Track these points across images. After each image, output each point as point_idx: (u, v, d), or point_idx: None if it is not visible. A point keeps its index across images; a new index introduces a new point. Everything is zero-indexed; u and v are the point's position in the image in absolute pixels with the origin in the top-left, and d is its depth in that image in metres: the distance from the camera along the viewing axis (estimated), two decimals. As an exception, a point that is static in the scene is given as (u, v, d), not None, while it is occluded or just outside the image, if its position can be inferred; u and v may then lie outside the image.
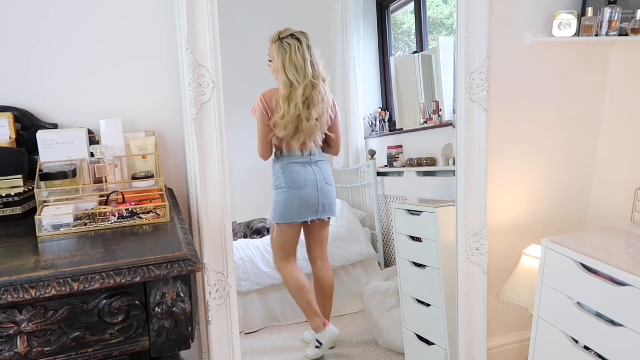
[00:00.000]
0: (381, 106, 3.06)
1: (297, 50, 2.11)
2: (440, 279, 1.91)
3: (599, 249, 1.47)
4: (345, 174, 3.19)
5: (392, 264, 2.84)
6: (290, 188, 2.20)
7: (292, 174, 2.20)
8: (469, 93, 1.69)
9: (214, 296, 1.49)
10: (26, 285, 0.82)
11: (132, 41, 1.44)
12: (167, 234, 1.07)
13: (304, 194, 2.20)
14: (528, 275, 1.80)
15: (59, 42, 1.38)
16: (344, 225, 2.89)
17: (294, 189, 2.19)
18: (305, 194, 2.21)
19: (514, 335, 2.10)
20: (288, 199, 2.20)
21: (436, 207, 1.92)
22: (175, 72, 1.47)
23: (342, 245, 2.81)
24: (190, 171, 1.48)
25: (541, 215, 2.02)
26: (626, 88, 1.94)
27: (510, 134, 1.91)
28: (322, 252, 2.39)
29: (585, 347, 1.44)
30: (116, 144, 1.32)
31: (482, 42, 1.65)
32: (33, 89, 1.38)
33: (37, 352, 0.86)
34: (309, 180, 2.21)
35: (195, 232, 1.49)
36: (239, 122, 2.23)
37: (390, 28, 2.99)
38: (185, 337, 0.94)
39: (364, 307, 2.52)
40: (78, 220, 1.12)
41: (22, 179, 1.23)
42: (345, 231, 2.86)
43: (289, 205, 2.20)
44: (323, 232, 2.36)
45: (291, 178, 2.20)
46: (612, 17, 1.75)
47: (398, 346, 2.25)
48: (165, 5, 1.43)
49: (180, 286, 0.91)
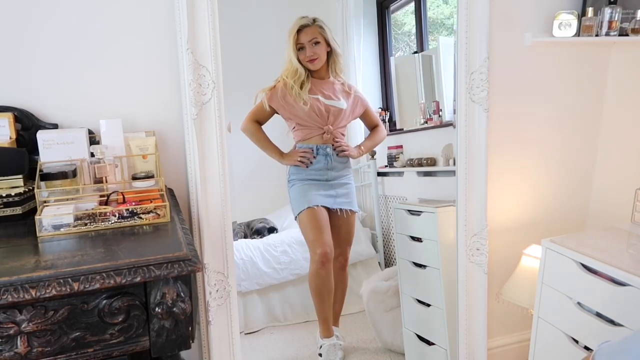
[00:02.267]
0: (381, 106, 3.06)
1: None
2: (440, 279, 1.91)
3: (599, 249, 1.47)
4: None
5: (392, 264, 2.84)
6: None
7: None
8: (469, 93, 1.69)
9: (214, 296, 1.49)
10: (26, 285, 0.82)
11: (132, 41, 1.44)
12: (167, 234, 1.07)
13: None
14: (528, 275, 1.80)
15: (59, 42, 1.38)
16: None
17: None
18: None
19: (514, 335, 2.10)
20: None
21: (436, 207, 1.92)
22: (176, 72, 1.47)
23: (342, 245, 2.80)
24: (190, 171, 1.48)
25: (541, 215, 2.02)
26: (626, 88, 1.94)
27: (511, 134, 1.91)
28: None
29: (585, 347, 1.44)
30: (116, 144, 1.32)
31: (482, 42, 1.65)
32: (33, 89, 1.37)
33: (37, 352, 0.86)
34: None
35: (195, 232, 1.49)
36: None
37: (390, 28, 2.99)
38: (186, 337, 0.94)
39: (364, 307, 2.52)
40: (78, 220, 1.12)
41: (22, 179, 1.23)
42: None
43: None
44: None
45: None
46: (612, 17, 1.75)
47: (398, 346, 2.25)
48: (165, 6, 1.43)
49: (180, 286, 0.91)
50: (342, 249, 2.31)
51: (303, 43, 2.11)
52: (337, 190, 2.22)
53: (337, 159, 2.21)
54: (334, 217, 2.22)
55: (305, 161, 2.17)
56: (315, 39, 2.11)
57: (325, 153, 2.18)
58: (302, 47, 2.12)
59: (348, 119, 2.25)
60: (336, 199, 2.21)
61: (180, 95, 1.47)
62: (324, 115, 2.16)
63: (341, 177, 2.24)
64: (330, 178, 2.21)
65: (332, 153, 2.19)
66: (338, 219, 2.23)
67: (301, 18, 2.13)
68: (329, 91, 2.18)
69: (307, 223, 2.14)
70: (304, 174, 2.20)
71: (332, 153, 2.19)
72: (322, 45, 2.13)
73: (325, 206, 2.17)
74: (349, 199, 2.26)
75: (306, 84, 2.12)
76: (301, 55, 2.12)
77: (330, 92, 2.19)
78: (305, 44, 2.11)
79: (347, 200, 2.25)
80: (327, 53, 2.16)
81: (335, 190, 2.22)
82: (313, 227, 2.12)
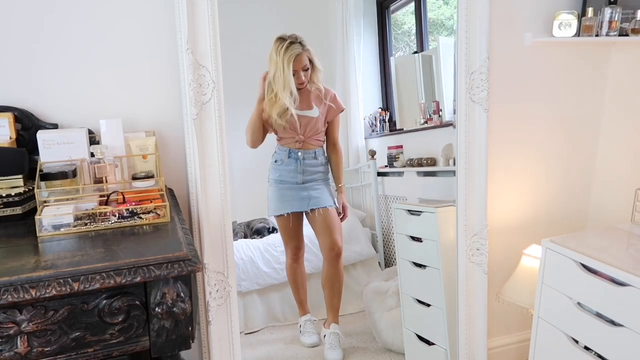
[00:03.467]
0: (381, 106, 3.06)
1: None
2: (440, 279, 1.91)
3: (599, 249, 1.47)
4: (345, 174, 3.18)
5: (392, 264, 2.83)
6: None
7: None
8: (469, 93, 1.69)
9: (214, 296, 1.49)
10: (26, 285, 0.82)
11: (132, 41, 1.44)
12: (167, 234, 1.07)
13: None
14: (528, 275, 1.80)
15: (60, 42, 1.38)
16: (344, 225, 2.89)
17: None
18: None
19: (514, 335, 2.10)
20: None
21: (436, 207, 1.92)
22: (176, 72, 1.47)
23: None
24: (190, 171, 1.48)
25: (541, 215, 2.02)
26: (626, 88, 1.94)
27: (511, 134, 1.91)
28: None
29: (585, 347, 1.44)
30: (116, 144, 1.32)
31: (482, 42, 1.65)
32: (33, 89, 1.38)
33: (37, 352, 0.86)
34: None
35: (195, 232, 1.49)
36: (239, 122, 2.24)
37: (390, 28, 2.99)
38: (186, 337, 0.94)
39: (364, 307, 2.52)
40: (78, 220, 1.12)
41: (22, 179, 1.23)
42: (345, 231, 2.86)
43: None
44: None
45: None
46: (612, 17, 1.75)
47: (398, 346, 2.25)
48: (166, 6, 1.43)
49: (180, 286, 0.91)
50: (331, 239, 2.37)
51: (297, 70, 2.19)
52: (310, 192, 2.33)
53: (307, 163, 2.31)
54: (310, 216, 2.35)
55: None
56: (305, 66, 2.20)
57: (296, 157, 2.29)
58: (295, 73, 2.19)
59: (321, 126, 2.33)
60: (310, 201, 2.32)
61: (180, 95, 1.47)
62: (295, 126, 2.25)
63: (312, 181, 2.34)
64: (300, 181, 2.32)
65: (302, 157, 2.29)
66: (314, 217, 2.35)
67: (290, 44, 2.16)
68: (303, 101, 2.26)
69: (280, 227, 2.42)
70: (277, 175, 2.34)
71: (302, 157, 2.30)
72: (309, 68, 2.22)
73: (297, 211, 2.33)
74: (321, 196, 2.35)
75: (286, 114, 2.20)
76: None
77: (306, 102, 2.27)
78: (298, 70, 2.19)
79: (320, 198, 2.35)
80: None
81: (309, 191, 2.33)
82: (284, 232, 2.41)
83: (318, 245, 2.48)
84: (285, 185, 2.32)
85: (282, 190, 2.33)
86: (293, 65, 2.16)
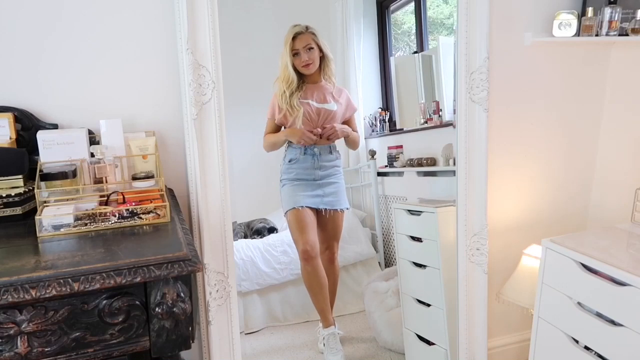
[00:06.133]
0: (381, 106, 3.06)
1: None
2: (440, 279, 1.91)
3: (599, 249, 1.47)
4: (345, 174, 3.18)
5: (392, 264, 2.83)
6: None
7: None
8: (469, 93, 1.69)
9: (214, 296, 1.49)
10: (26, 285, 0.82)
11: (132, 41, 1.44)
12: (167, 234, 1.07)
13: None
14: (528, 275, 1.80)
15: (60, 42, 1.38)
16: (344, 225, 2.89)
17: None
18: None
19: (514, 335, 2.10)
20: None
21: (436, 207, 1.92)
22: (175, 72, 1.47)
23: (342, 245, 2.80)
24: (190, 171, 1.48)
25: (541, 215, 2.02)
26: (626, 88, 1.94)
27: (511, 134, 1.91)
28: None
29: (585, 347, 1.44)
30: (116, 144, 1.32)
31: (482, 42, 1.65)
32: (33, 89, 1.37)
33: (37, 352, 0.86)
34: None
35: (196, 232, 1.49)
36: (239, 122, 2.24)
37: (390, 28, 2.99)
38: (186, 337, 0.94)
39: (364, 307, 2.52)
40: (78, 221, 1.12)
41: (22, 179, 1.23)
42: (345, 231, 2.86)
43: None
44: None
45: None
46: (612, 17, 1.75)
47: (398, 346, 2.25)
48: (165, 6, 1.43)
49: (180, 286, 0.91)
50: (329, 244, 2.40)
51: (298, 49, 2.20)
52: (325, 189, 2.31)
53: (324, 158, 2.30)
54: (320, 215, 2.32)
55: (307, 140, 2.23)
56: (309, 45, 2.20)
57: (313, 153, 2.28)
58: (297, 53, 2.21)
59: (339, 121, 2.33)
60: (323, 199, 2.30)
61: (180, 96, 1.47)
62: (314, 119, 2.25)
63: (329, 176, 2.32)
64: (318, 177, 2.30)
65: (319, 153, 2.28)
66: (324, 218, 2.32)
67: (295, 26, 2.22)
68: (320, 95, 2.27)
69: (292, 223, 2.28)
70: (293, 174, 2.30)
71: (319, 153, 2.28)
72: (315, 51, 2.23)
73: (311, 207, 2.27)
74: (336, 198, 2.34)
75: (298, 90, 2.22)
76: (296, 61, 2.21)
77: (322, 95, 2.28)
78: (300, 50, 2.20)
79: (335, 199, 2.33)
80: (319, 58, 2.25)
81: (323, 189, 2.31)
82: (296, 227, 2.26)
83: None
84: (302, 182, 2.29)
85: (298, 186, 2.29)
86: (294, 44, 2.18)
